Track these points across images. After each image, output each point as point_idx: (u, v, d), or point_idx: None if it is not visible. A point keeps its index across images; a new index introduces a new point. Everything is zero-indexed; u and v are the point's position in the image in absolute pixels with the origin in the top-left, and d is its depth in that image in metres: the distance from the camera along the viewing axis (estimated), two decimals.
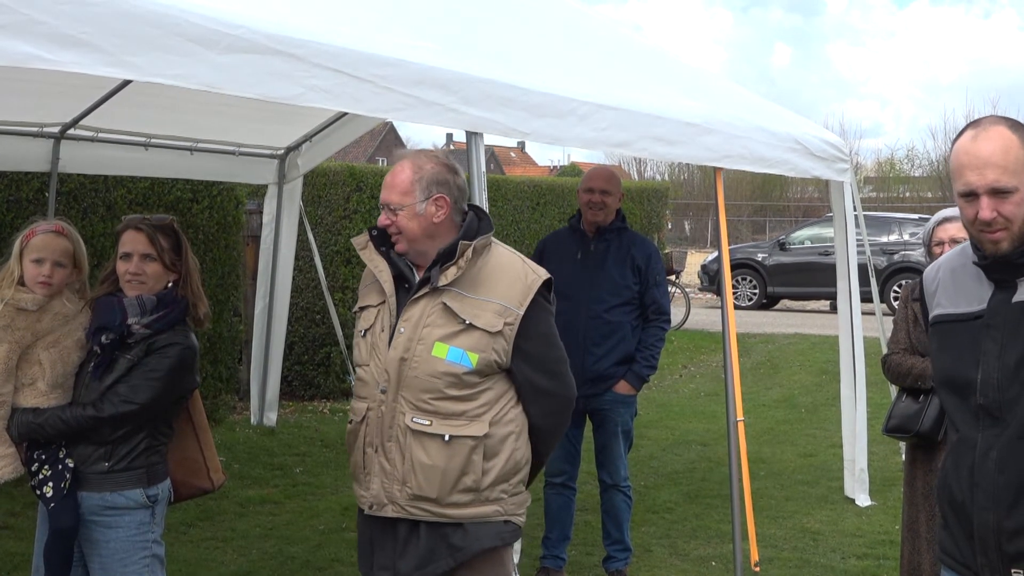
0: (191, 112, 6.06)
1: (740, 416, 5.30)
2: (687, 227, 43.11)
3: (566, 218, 6.24)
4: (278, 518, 6.65)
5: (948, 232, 4.49)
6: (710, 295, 21.77)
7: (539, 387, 3.35)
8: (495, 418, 3.29)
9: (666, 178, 44.79)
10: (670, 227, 34.20)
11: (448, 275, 3.26)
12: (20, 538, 5.86)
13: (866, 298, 7.31)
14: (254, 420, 8.53)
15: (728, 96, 6.22)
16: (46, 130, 6.19)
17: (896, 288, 18.50)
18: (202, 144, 6.93)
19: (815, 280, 19.55)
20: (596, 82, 4.98)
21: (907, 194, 43.15)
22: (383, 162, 46.06)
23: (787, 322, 18.35)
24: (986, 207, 2.50)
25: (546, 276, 3.37)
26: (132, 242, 3.63)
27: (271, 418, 8.45)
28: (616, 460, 5.57)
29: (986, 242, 2.55)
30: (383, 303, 3.36)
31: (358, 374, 3.41)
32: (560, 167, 63.51)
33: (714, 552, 6.08)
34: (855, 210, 6.89)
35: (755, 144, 5.68)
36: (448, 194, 3.34)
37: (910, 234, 19.38)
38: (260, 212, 8.65)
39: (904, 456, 4.75)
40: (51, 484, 3.49)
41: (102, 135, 6.39)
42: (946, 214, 4.57)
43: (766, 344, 15.31)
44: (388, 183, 3.34)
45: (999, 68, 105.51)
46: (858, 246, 6.97)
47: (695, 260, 25.41)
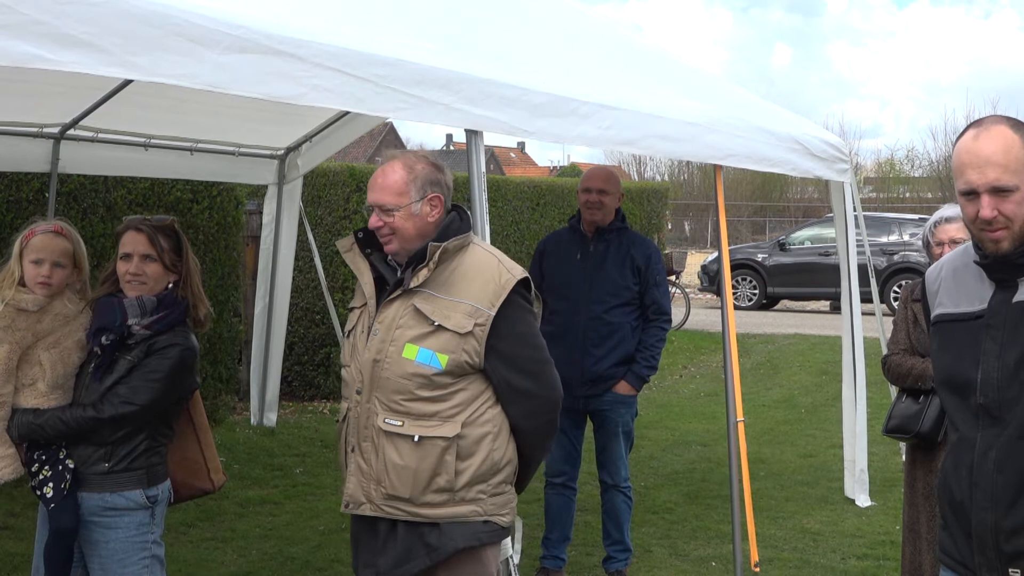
0: (191, 113, 6.06)
1: (740, 416, 5.30)
2: (687, 227, 43.08)
3: (566, 218, 6.24)
4: (278, 518, 6.65)
5: (947, 233, 4.49)
6: (710, 295, 21.77)
7: (517, 388, 3.31)
8: (469, 419, 3.28)
9: (666, 178, 44.86)
10: (670, 227, 34.18)
11: (419, 276, 3.27)
12: (20, 538, 5.86)
13: (866, 298, 7.30)
14: (254, 420, 8.53)
15: (728, 97, 6.22)
16: (46, 130, 6.18)
17: (896, 288, 18.50)
18: (202, 144, 6.93)
19: (815, 280, 19.57)
20: (597, 82, 4.98)
21: (907, 195, 43.20)
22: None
23: (787, 322, 18.35)
24: (987, 206, 2.51)
25: (522, 275, 3.34)
26: (133, 243, 3.63)
27: (271, 418, 8.44)
28: (617, 461, 5.57)
29: (987, 241, 2.56)
30: (365, 305, 3.39)
31: (342, 374, 3.46)
32: (560, 167, 63.53)
33: (714, 552, 6.08)
34: (855, 210, 6.89)
35: (756, 144, 5.68)
36: (441, 193, 3.37)
37: (910, 234, 19.39)
38: (260, 212, 8.65)
39: (904, 457, 4.75)
40: (51, 485, 3.50)
41: (102, 135, 6.38)
42: (945, 214, 4.56)
43: (766, 344, 15.31)
44: (381, 184, 3.32)
45: (999, 68, 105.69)
46: (858, 246, 6.97)
47: (695, 260, 25.43)
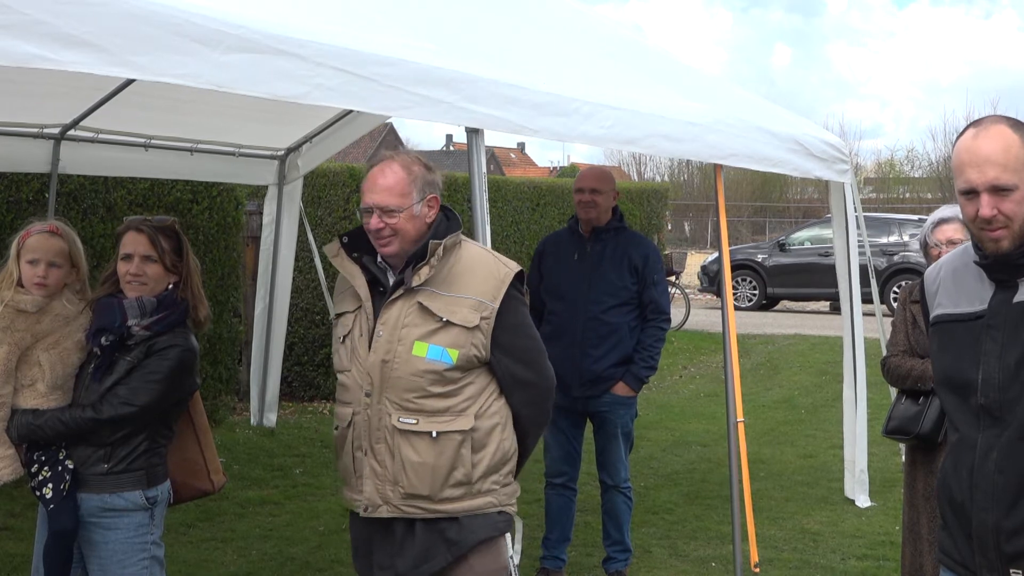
0: (191, 113, 6.05)
1: (740, 417, 5.30)
2: (687, 228, 43.07)
3: (566, 219, 6.23)
4: (278, 519, 6.65)
5: (945, 234, 4.49)
6: (710, 296, 21.77)
7: (519, 377, 3.39)
8: (480, 411, 3.33)
9: (666, 179, 44.86)
10: (670, 228, 34.18)
11: (421, 275, 3.29)
12: (20, 539, 5.86)
13: (866, 299, 7.30)
14: (254, 421, 8.52)
15: (728, 97, 6.22)
16: (46, 131, 6.18)
17: (896, 289, 18.51)
18: (202, 145, 6.92)
19: (815, 281, 19.56)
20: (598, 82, 4.98)
21: (907, 195, 43.20)
22: None
23: (787, 323, 18.35)
24: (986, 204, 2.51)
25: (517, 269, 3.41)
26: (133, 243, 3.63)
27: (271, 419, 8.43)
28: (616, 462, 5.57)
29: (987, 240, 2.56)
30: (359, 308, 3.39)
31: (340, 380, 3.44)
32: (560, 168, 63.55)
33: (714, 553, 6.08)
34: (856, 211, 6.89)
35: (757, 144, 5.68)
36: (437, 193, 3.39)
37: (910, 235, 19.37)
38: (260, 213, 8.64)
39: (904, 458, 4.74)
40: (51, 485, 3.50)
41: (102, 136, 6.38)
42: (943, 215, 4.56)
43: (766, 345, 15.31)
44: (381, 185, 3.31)
45: (999, 69, 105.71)
46: (858, 247, 6.96)
47: (695, 261, 25.44)
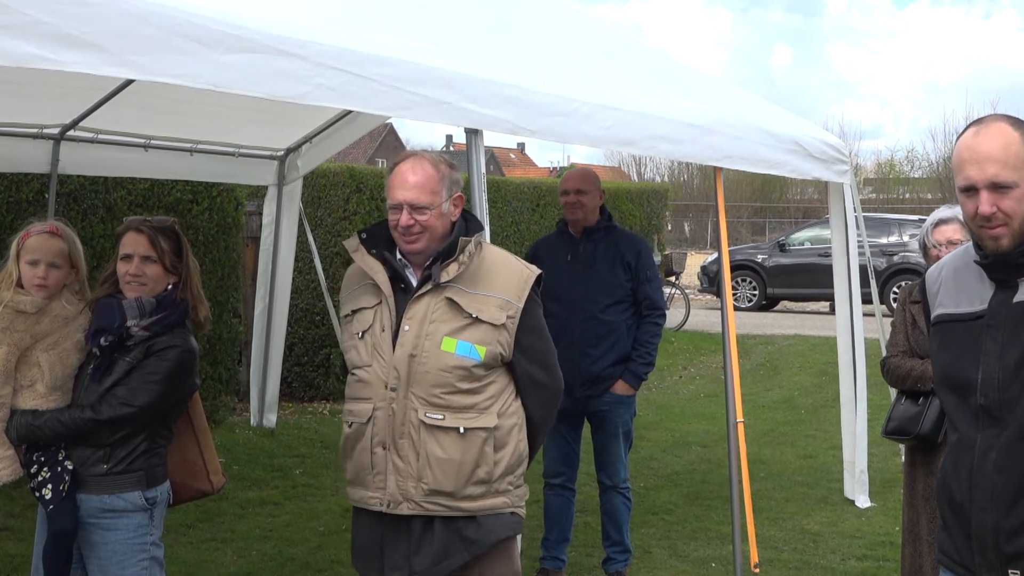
0: (191, 113, 6.05)
1: (740, 417, 5.30)
2: (687, 228, 43.06)
3: None
4: (278, 519, 6.65)
5: (944, 234, 4.49)
6: (710, 296, 21.77)
7: (535, 379, 3.43)
8: (501, 410, 3.37)
9: (665, 179, 44.84)
10: (670, 228, 34.17)
11: (450, 271, 3.32)
12: (19, 540, 5.85)
13: (866, 299, 7.30)
14: (254, 421, 8.52)
15: (728, 98, 6.22)
16: (46, 131, 6.17)
17: (896, 289, 18.51)
18: (202, 145, 6.92)
19: (815, 281, 19.53)
20: (598, 83, 4.99)
21: (907, 195, 43.18)
22: (383, 163, 45.98)
23: (787, 323, 18.34)
24: (985, 201, 2.51)
25: (538, 271, 3.47)
26: (133, 244, 3.63)
27: (271, 419, 8.43)
28: (616, 462, 5.57)
29: (986, 238, 2.56)
30: (379, 303, 3.38)
31: (358, 376, 3.41)
32: (560, 168, 63.53)
33: (714, 553, 6.08)
34: (855, 211, 6.89)
35: (756, 145, 5.68)
36: (462, 193, 3.45)
37: (910, 235, 19.37)
38: (260, 213, 8.64)
39: (904, 458, 4.74)
40: (50, 486, 3.49)
41: (102, 136, 6.37)
42: (942, 216, 4.56)
43: (766, 345, 15.31)
44: (412, 183, 3.33)
45: (999, 69, 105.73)
46: (858, 247, 6.96)
47: (695, 261, 25.41)
